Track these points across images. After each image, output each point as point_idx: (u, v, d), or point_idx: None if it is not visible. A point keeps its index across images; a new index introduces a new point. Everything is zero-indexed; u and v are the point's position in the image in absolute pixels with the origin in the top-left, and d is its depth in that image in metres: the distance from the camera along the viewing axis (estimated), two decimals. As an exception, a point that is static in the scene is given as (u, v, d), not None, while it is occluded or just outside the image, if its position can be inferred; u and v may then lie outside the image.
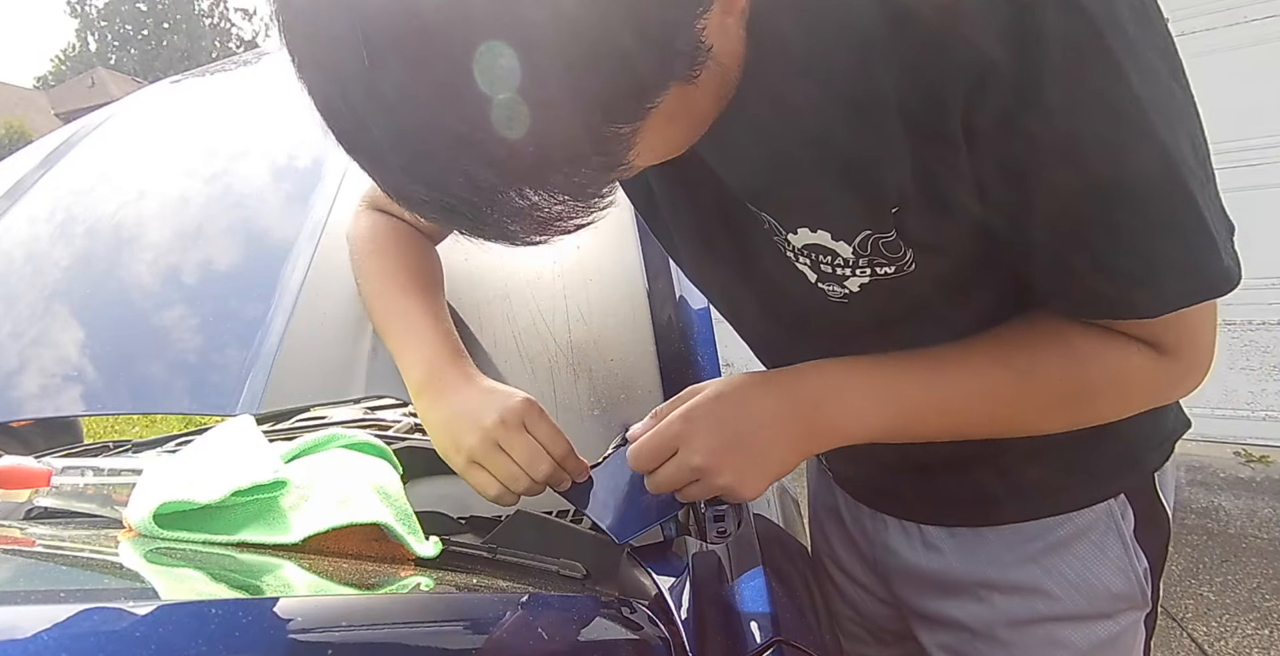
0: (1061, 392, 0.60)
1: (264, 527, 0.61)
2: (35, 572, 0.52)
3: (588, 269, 0.87)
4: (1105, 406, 0.62)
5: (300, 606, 0.45)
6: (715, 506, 0.83)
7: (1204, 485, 3.14)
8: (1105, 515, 0.74)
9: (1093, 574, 0.74)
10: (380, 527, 0.62)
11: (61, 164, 1.26)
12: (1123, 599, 0.75)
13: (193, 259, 1.01)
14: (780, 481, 1.10)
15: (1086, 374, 0.59)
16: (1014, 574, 0.75)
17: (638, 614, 0.58)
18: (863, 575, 0.92)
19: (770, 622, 0.62)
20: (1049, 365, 0.60)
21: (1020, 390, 0.60)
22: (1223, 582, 2.46)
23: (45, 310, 0.98)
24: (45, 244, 1.10)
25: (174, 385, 0.87)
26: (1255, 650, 2.13)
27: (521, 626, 0.50)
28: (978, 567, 0.77)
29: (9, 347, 0.94)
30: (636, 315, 0.82)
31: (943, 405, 0.61)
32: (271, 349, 0.84)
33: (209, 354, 0.87)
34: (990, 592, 0.76)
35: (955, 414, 0.61)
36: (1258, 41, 3.27)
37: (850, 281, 0.59)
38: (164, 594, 0.48)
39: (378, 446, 0.78)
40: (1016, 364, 0.60)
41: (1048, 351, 0.60)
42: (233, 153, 1.21)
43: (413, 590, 0.56)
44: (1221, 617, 2.28)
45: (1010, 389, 0.60)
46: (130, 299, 0.98)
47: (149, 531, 0.58)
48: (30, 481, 0.69)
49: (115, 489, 0.69)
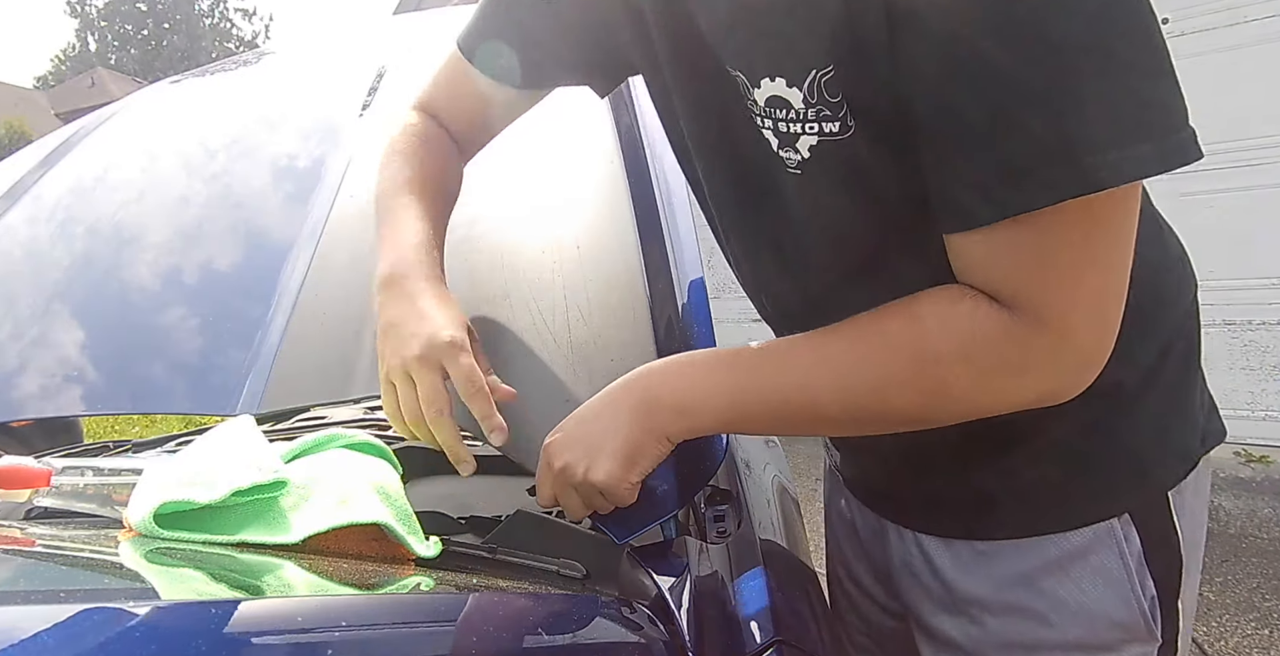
0: (901, 360, 0.57)
1: (264, 527, 0.61)
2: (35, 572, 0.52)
3: (587, 269, 0.87)
4: (955, 378, 0.56)
5: (300, 606, 0.45)
6: (715, 506, 0.83)
7: (1204, 485, 3.14)
8: (1107, 535, 0.68)
9: (1090, 599, 0.69)
10: (380, 527, 0.62)
11: (62, 164, 1.26)
12: (1125, 629, 0.69)
13: (193, 258, 1.01)
14: (782, 482, 1.10)
15: (927, 335, 0.56)
16: (1007, 594, 0.71)
17: (638, 614, 0.58)
18: (871, 585, 0.91)
19: (770, 622, 0.62)
20: (889, 329, 0.58)
21: (858, 357, 0.58)
22: (1223, 582, 2.46)
23: (45, 310, 0.98)
24: (45, 244, 1.10)
25: (174, 385, 0.87)
26: (1255, 650, 2.13)
27: (521, 626, 0.50)
28: (972, 584, 0.73)
29: (9, 347, 0.94)
30: (636, 315, 0.82)
31: (780, 380, 0.61)
32: (271, 349, 0.84)
33: (209, 354, 0.88)
34: (982, 613, 0.73)
35: (796, 390, 0.60)
36: (1258, 41, 3.27)
37: (801, 142, 0.58)
38: (164, 594, 0.48)
39: (378, 446, 0.78)
40: (858, 332, 0.59)
41: (892, 317, 0.58)
42: (233, 152, 1.21)
43: (413, 590, 0.56)
44: (1221, 617, 2.28)
45: (845, 358, 0.59)
46: (130, 299, 0.99)
47: (149, 531, 0.58)
48: (30, 481, 0.70)
49: (115, 489, 0.69)
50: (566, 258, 0.88)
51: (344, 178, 1.05)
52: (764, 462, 1.15)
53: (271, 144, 1.23)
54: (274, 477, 0.64)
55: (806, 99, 0.55)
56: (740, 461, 1.03)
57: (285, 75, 1.53)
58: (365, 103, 1.22)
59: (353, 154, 1.10)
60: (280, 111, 1.32)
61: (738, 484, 0.91)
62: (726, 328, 0.74)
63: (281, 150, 1.20)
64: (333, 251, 0.94)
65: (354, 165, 1.07)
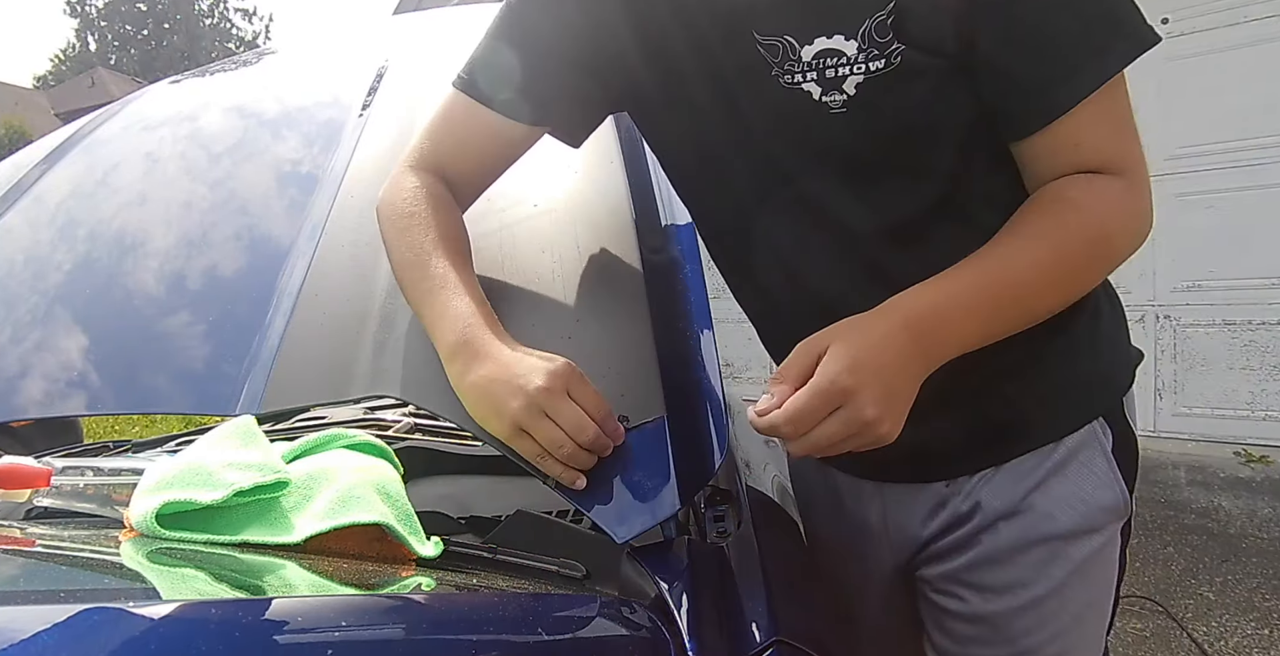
0: (1088, 242, 0.69)
1: (266, 528, 0.61)
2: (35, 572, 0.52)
3: (588, 269, 0.87)
4: (1120, 241, 0.71)
5: (301, 606, 0.45)
6: (715, 506, 0.83)
7: (1204, 485, 3.14)
8: (1089, 436, 0.82)
9: (1085, 491, 0.81)
10: (382, 528, 0.62)
11: (62, 164, 1.26)
12: (1111, 510, 0.82)
13: (193, 258, 1.01)
14: (782, 482, 1.10)
15: (1096, 217, 0.69)
16: (1018, 502, 0.82)
17: (638, 614, 0.58)
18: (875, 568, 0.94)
19: (770, 622, 0.62)
20: (1068, 223, 0.69)
21: (1060, 253, 0.69)
22: (1223, 582, 2.46)
23: (44, 309, 0.98)
24: (44, 244, 1.11)
25: (174, 385, 0.87)
26: (1255, 650, 2.13)
27: (521, 626, 0.51)
28: (985, 505, 0.83)
29: (8, 348, 0.94)
30: (636, 315, 0.82)
31: (1016, 289, 0.68)
32: (271, 349, 0.84)
33: (209, 354, 0.88)
34: (996, 521, 0.82)
35: (1027, 294, 0.69)
36: (1258, 41, 3.27)
37: (848, 82, 0.68)
38: (166, 594, 0.48)
39: (378, 446, 0.78)
40: (1047, 232, 0.69)
41: (1060, 214, 0.69)
42: (232, 152, 1.21)
43: (413, 590, 0.56)
44: (1221, 617, 2.28)
45: (1054, 254, 0.69)
46: (130, 298, 0.99)
47: (151, 531, 0.59)
48: (30, 481, 0.70)
49: (115, 489, 0.69)
50: (566, 257, 0.88)
51: (344, 178, 1.05)
52: (764, 462, 1.15)
53: (271, 144, 1.23)
54: (275, 478, 0.64)
55: (860, 45, 0.66)
56: (740, 461, 1.03)
57: (285, 75, 1.53)
58: (365, 102, 1.22)
59: (353, 154, 1.09)
60: (280, 111, 1.32)
61: (738, 484, 0.91)
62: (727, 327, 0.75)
63: (281, 150, 1.20)
64: (333, 251, 0.94)
65: (354, 165, 1.07)
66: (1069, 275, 0.70)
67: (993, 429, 0.83)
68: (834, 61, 0.68)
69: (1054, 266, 0.69)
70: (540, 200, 0.98)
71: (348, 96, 1.26)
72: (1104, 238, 0.70)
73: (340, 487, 0.65)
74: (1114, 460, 0.82)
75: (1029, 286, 0.69)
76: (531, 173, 0.93)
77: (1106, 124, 0.69)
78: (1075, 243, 0.69)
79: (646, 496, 0.68)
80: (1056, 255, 0.69)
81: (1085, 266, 0.71)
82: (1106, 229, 0.70)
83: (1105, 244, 0.70)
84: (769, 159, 0.76)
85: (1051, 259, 0.69)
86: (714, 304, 0.83)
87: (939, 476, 0.85)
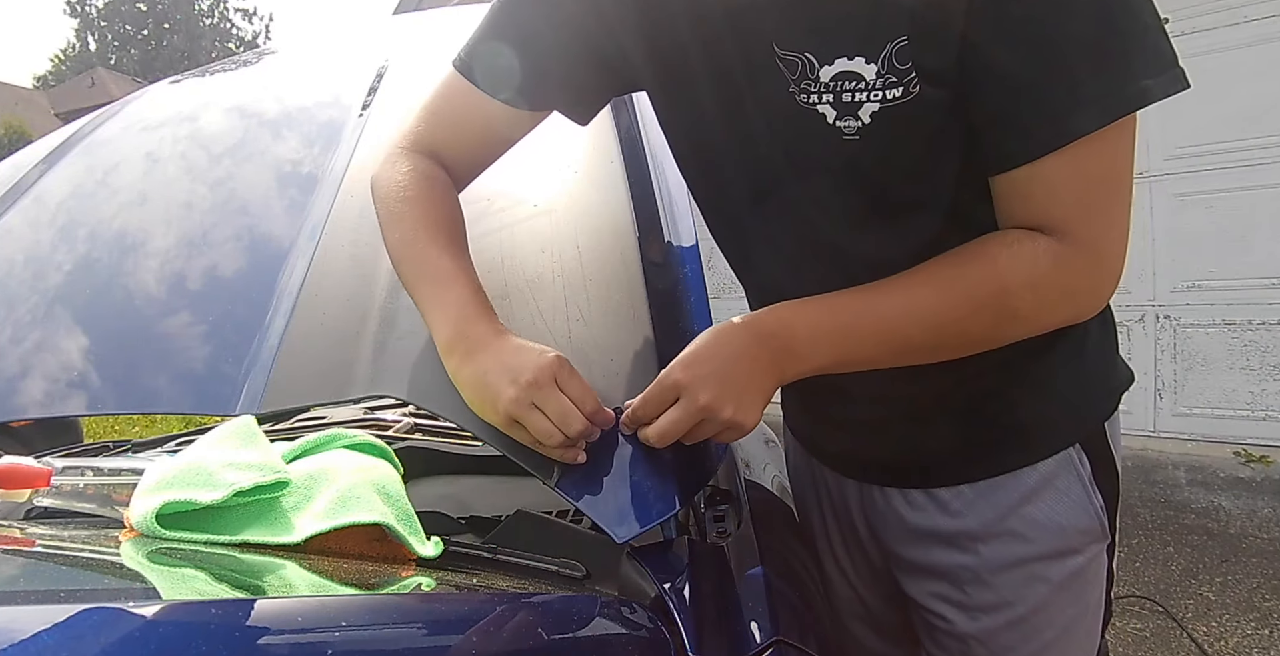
0: (981, 296, 0.68)
1: (266, 528, 0.61)
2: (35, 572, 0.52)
3: (588, 269, 0.87)
4: (1023, 307, 0.68)
5: (301, 606, 0.45)
6: (715, 506, 0.83)
7: (1204, 485, 3.14)
8: (1066, 462, 0.82)
9: (1060, 515, 0.82)
10: (382, 528, 0.62)
11: (62, 164, 1.26)
12: (1087, 533, 0.83)
13: (193, 259, 1.01)
14: (782, 482, 1.10)
15: (999, 276, 0.67)
16: (994, 524, 0.83)
17: (638, 614, 0.58)
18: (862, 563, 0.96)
19: (770, 622, 0.62)
20: (968, 273, 0.68)
21: (943, 300, 0.68)
22: (1223, 582, 2.46)
23: (45, 310, 0.98)
24: (45, 244, 1.10)
25: (174, 385, 0.87)
26: (1255, 650, 2.13)
27: (521, 626, 0.50)
28: (962, 523, 0.84)
29: (8, 348, 0.94)
30: (636, 315, 0.82)
31: (879, 323, 0.69)
32: (271, 349, 0.84)
33: (209, 354, 0.87)
34: (974, 543, 0.84)
35: (891, 331, 0.70)
36: (1258, 41, 3.27)
37: (864, 109, 0.67)
38: (166, 594, 0.48)
39: (378, 446, 0.78)
40: (941, 277, 0.69)
41: (969, 262, 0.69)
42: (233, 153, 1.21)
43: (413, 590, 0.56)
44: (1221, 617, 2.28)
45: (935, 300, 0.68)
46: (130, 299, 0.98)
47: (151, 531, 0.59)
48: (30, 481, 0.70)
49: (115, 489, 0.69)
50: (566, 257, 0.88)
51: (344, 178, 1.05)
52: (764, 462, 1.16)
53: (271, 144, 1.23)
54: (275, 478, 0.64)
55: (879, 71, 0.65)
56: (740, 461, 1.03)
57: (285, 75, 1.53)
58: (365, 102, 1.22)
59: (353, 154, 1.09)
60: (280, 112, 1.32)
61: (737, 484, 0.91)
62: (726, 328, 0.76)
63: (281, 150, 1.20)
64: (333, 251, 0.94)
65: (354, 165, 1.07)
66: (951, 324, 0.69)
67: (967, 447, 0.84)
68: (852, 85, 0.66)
69: (933, 314, 0.68)
70: (540, 200, 0.98)
71: (348, 96, 1.26)
72: (1000, 296, 0.67)
73: (340, 487, 0.65)
74: (1092, 485, 0.82)
75: (896, 325, 0.69)
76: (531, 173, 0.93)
77: (1073, 184, 0.65)
78: (966, 294, 0.68)
79: (646, 496, 0.68)
80: (940, 302, 0.68)
81: (970, 319, 0.69)
82: (1007, 289, 0.67)
83: (1000, 303, 0.68)
84: (766, 163, 0.76)
85: (932, 305, 0.68)
86: (714, 304, 0.83)
87: (914, 483, 0.86)
